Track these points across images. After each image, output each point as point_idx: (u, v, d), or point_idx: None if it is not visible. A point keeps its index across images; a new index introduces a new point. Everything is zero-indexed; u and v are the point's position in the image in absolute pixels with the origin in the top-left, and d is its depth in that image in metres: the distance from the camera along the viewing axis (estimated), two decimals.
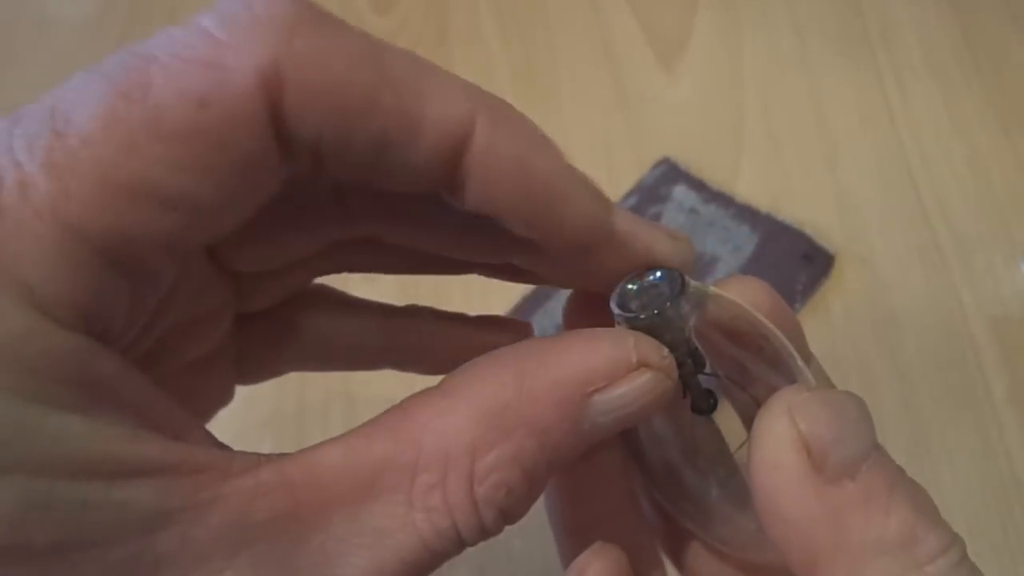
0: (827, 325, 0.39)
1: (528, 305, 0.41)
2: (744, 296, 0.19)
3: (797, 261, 0.41)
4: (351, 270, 0.21)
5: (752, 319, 0.19)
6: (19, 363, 0.12)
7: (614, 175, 0.45)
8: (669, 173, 0.44)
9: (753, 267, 0.41)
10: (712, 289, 0.19)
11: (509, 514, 0.16)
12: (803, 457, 0.16)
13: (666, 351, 0.17)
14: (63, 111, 0.14)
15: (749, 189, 0.44)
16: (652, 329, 0.18)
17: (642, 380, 0.16)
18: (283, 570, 0.15)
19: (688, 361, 0.18)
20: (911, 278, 0.40)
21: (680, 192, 0.44)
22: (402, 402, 0.16)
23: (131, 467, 0.13)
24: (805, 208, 0.43)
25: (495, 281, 0.21)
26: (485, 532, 0.16)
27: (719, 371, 0.19)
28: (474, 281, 0.45)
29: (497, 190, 0.16)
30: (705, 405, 0.19)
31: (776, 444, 0.16)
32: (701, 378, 0.19)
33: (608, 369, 0.16)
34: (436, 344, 0.23)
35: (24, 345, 0.12)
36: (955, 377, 0.38)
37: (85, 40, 0.55)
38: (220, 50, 0.14)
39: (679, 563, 0.21)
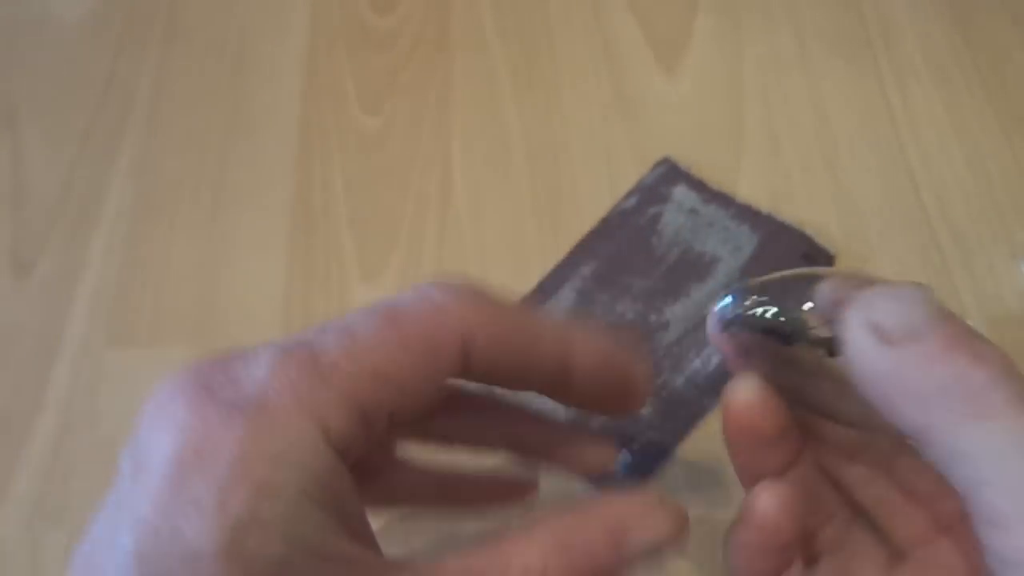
0: None
1: (528, 305, 0.41)
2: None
3: (797, 261, 0.41)
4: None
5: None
6: (321, 481, 0.20)
7: (614, 175, 0.45)
8: (669, 173, 0.44)
9: (753, 267, 0.41)
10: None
11: None
12: (873, 337, 0.21)
13: (683, 508, 0.24)
14: (352, 329, 0.22)
15: (749, 189, 0.44)
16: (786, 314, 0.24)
17: (664, 528, 0.23)
18: None
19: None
20: (911, 278, 0.40)
21: (680, 192, 0.44)
22: (496, 533, 0.22)
23: (334, 554, 0.20)
24: (805, 208, 0.43)
25: (494, 284, 0.25)
26: None
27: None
28: None
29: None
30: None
31: (856, 337, 0.21)
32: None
33: (640, 518, 0.23)
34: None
35: (326, 472, 0.20)
36: None
37: (85, 40, 0.55)
38: (442, 310, 0.23)
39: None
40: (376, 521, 0.23)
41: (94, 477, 0.39)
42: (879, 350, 0.20)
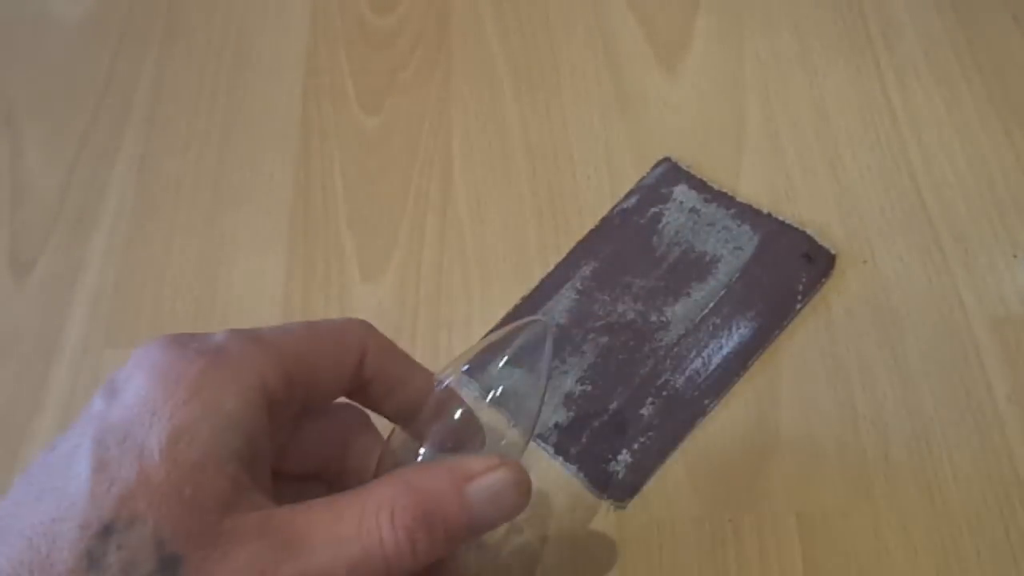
0: (827, 325, 0.39)
1: (527, 306, 0.41)
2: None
3: (798, 261, 0.41)
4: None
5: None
6: (249, 416, 0.25)
7: (614, 175, 0.45)
8: (670, 173, 0.44)
9: (754, 267, 0.41)
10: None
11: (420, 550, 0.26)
12: None
13: (525, 469, 0.28)
14: (283, 326, 0.29)
15: (750, 189, 0.44)
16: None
17: (500, 473, 0.27)
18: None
19: None
20: (912, 278, 0.40)
21: (681, 192, 0.44)
22: (370, 484, 0.27)
23: (235, 477, 0.25)
24: (806, 208, 0.43)
25: (494, 284, 0.29)
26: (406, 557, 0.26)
27: None
28: (474, 283, 0.45)
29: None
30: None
31: None
32: None
33: (481, 468, 0.27)
34: None
35: (255, 411, 0.26)
36: (956, 377, 0.38)
37: (84, 40, 0.55)
38: (347, 325, 0.30)
39: None
40: None
41: None
42: None
